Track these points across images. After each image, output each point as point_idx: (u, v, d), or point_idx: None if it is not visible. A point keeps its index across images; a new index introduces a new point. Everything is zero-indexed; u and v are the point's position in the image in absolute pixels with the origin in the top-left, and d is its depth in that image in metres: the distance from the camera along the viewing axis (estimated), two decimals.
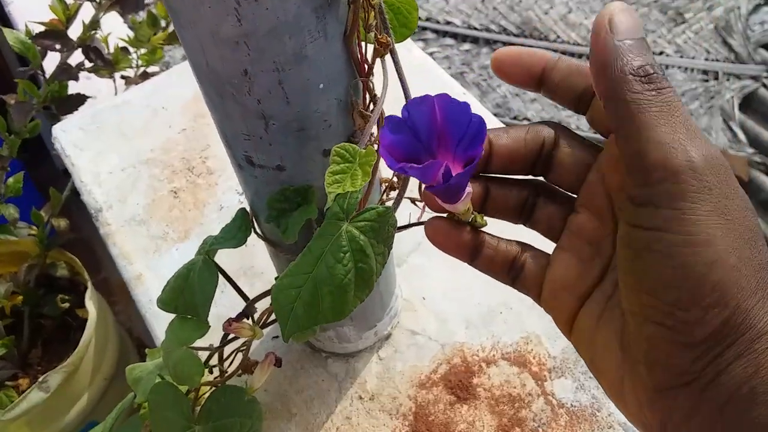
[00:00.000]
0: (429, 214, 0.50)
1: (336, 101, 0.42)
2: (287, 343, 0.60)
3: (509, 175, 0.36)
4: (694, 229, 0.25)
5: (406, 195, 0.50)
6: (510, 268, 0.36)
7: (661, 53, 1.95)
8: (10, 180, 0.98)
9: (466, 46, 2.02)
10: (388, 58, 0.45)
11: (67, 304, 1.12)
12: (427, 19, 2.05)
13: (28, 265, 1.10)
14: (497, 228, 0.37)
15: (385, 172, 0.53)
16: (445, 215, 0.37)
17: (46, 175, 1.42)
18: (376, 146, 0.48)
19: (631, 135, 0.27)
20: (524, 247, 0.36)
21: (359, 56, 0.42)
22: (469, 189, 0.34)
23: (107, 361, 1.12)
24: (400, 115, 0.33)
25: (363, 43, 0.42)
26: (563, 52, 1.96)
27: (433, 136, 0.33)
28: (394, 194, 0.52)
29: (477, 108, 0.81)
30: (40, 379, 0.98)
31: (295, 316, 0.42)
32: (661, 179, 0.26)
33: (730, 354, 0.25)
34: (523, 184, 0.37)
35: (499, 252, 0.36)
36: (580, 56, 1.96)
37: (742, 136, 1.76)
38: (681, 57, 1.93)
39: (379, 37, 0.42)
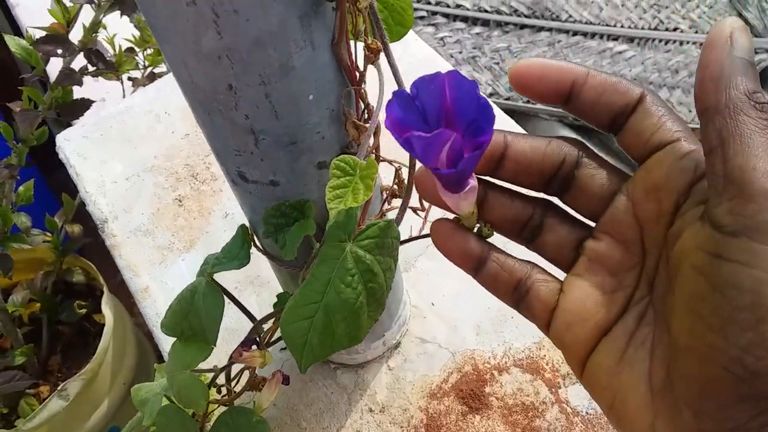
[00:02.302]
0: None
1: (328, 112, 0.40)
2: (303, 373, 0.59)
3: (520, 186, 0.33)
4: None
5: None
6: (515, 289, 0.33)
7: (675, 29, 1.89)
8: (21, 188, 0.97)
9: (477, 29, 1.98)
10: (384, 63, 0.42)
11: (84, 310, 1.12)
12: (437, 3, 2.01)
13: (44, 272, 1.10)
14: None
15: (386, 179, 0.51)
16: (450, 216, 0.34)
17: (60, 178, 1.42)
18: (373, 155, 0.46)
19: (733, 159, 0.25)
20: (534, 268, 0.33)
21: (350, 64, 0.40)
22: (473, 182, 0.31)
23: (126, 366, 1.12)
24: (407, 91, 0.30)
25: (353, 50, 0.40)
26: (575, 33, 1.91)
27: (441, 116, 0.30)
28: (395, 201, 0.50)
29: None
30: (59, 388, 0.99)
31: (310, 348, 0.41)
32: (760, 210, 0.24)
33: None
34: (529, 199, 0.34)
35: (505, 268, 0.33)
36: (593, 35, 1.91)
37: None
38: (696, 32, 1.87)
39: (368, 42, 0.40)
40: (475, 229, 0.34)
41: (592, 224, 0.33)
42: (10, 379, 0.94)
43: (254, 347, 0.48)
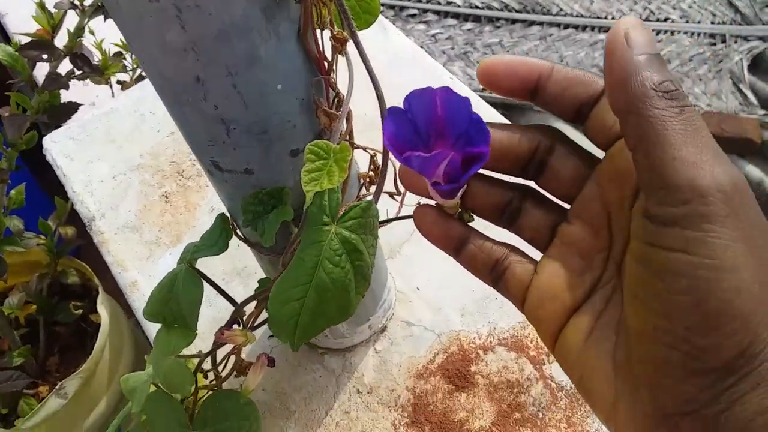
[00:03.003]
0: (408, 208, 0.50)
1: (298, 101, 0.42)
2: (295, 351, 0.60)
3: (497, 172, 0.35)
4: (721, 254, 0.24)
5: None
6: (492, 269, 0.35)
7: (666, 19, 1.90)
8: (13, 192, 0.98)
9: (469, 25, 1.99)
10: (354, 52, 0.44)
11: (80, 311, 1.13)
12: (428, 1, 2.02)
13: (39, 274, 1.11)
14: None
15: (363, 166, 0.53)
16: (432, 202, 0.36)
17: (52, 179, 1.43)
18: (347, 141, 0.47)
19: (653, 153, 0.25)
20: (511, 250, 0.35)
21: (317, 54, 0.41)
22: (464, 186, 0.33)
23: (124, 364, 1.14)
24: (400, 106, 0.32)
25: (320, 40, 0.41)
26: (567, 26, 1.92)
27: (431, 129, 0.32)
28: (371, 188, 0.52)
29: (477, 103, 0.79)
30: (57, 386, 1.00)
31: (302, 327, 0.42)
32: (687, 200, 0.24)
33: (746, 384, 0.24)
34: (508, 185, 0.35)
35: (484, 250, 0.35)
36: (584, 28, 1.92)
37: (752, 98, 1.71)
38: (687, 22, 1.88)
39: (335, 33, 0.41)
40: (456, 215, 0.35)
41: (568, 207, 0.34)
42: (8, 378, 0.95)
43: (235, 326, 0.49)
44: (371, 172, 0.51)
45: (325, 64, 0.42)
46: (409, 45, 0.83)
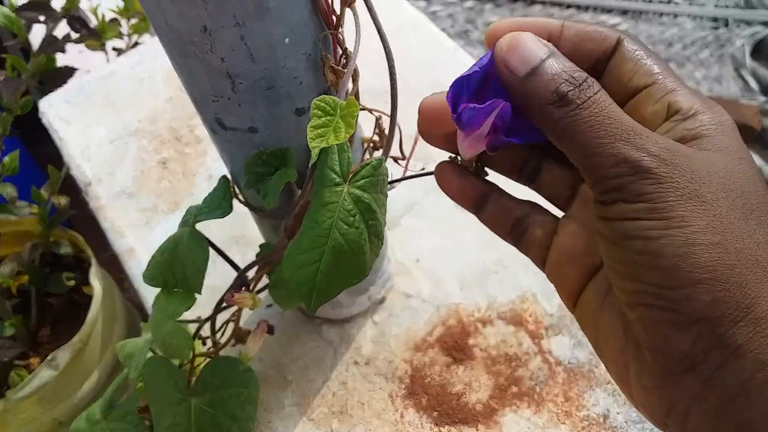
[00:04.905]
0: (412, 172, 0.49)
1: (305, 56, 0.40)
2: (314, 315, 0.59)
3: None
4: (667, 214, 0.25)
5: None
6: (513, 227, 0.34)
7: (669, 2, 1.89)
8: (6, 159, 0.97)
9: (469, 3, 1.97)
10: (362, 8, 0.42)
11: (72, 282, 1.12)
12: None
13: (32, 244, 1.10)
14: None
15: (367, 131, 0.52)
16: (449, 158, 0.35)
17: (46, 152, 1.41)
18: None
19: (573, 157, 0.27)
20: (533, 207, 0.34)
21: (326, 7, 0.40)
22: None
23: (116, 337, 1.13)
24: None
25: None
26: (569, 5, 1.90)
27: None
28: (376, 154, 0.51)
29: None
30: (48, 357, 0.99)
31: (319, 290, 0.41)
32: (619, 186, 0.26)
33: (740, 335, 0.24)
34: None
35: (504, 208, 0.34)
36: (587, 8, 1.90)
37: (753, 84, 1.71)
38: (690, 5, 1.87)
39: None
40: (472, 168, 0.35)
41: None
42: None
43: (243, 289, 0.48)
44: (376, 136, 0.50)
45: (333, 18, 0.41)
46: (413, 13, 0.81)
